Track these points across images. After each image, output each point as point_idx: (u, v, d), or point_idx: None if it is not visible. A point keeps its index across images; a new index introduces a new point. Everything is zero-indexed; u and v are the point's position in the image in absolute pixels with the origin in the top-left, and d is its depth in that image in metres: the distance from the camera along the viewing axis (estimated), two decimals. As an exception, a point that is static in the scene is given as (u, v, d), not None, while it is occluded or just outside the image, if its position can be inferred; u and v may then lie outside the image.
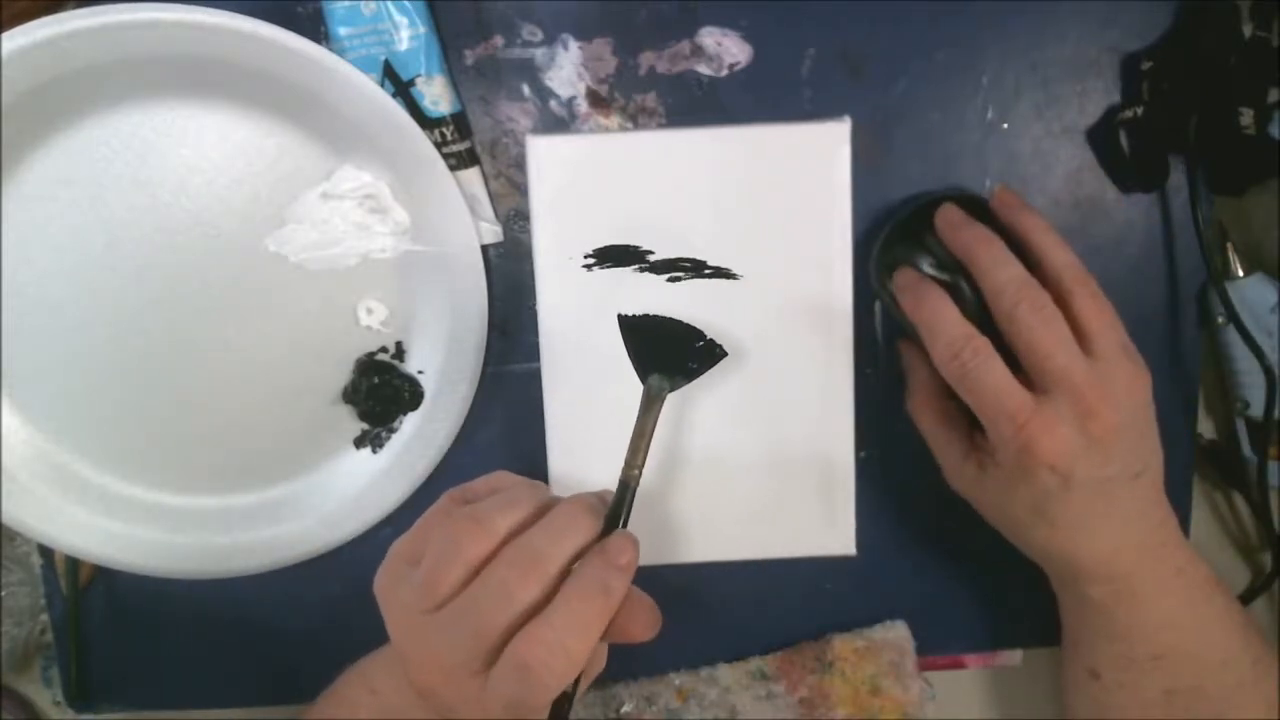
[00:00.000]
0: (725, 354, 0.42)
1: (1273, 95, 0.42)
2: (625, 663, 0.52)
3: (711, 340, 0.41)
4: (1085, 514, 0.40)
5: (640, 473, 0.38)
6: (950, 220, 0.43)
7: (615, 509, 0.38)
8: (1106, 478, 0.40)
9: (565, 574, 0.35)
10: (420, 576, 0.36)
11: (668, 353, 0.41)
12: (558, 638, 0.33)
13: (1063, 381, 0.39)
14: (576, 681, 0.36)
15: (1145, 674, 0.43)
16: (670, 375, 0.40)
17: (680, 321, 0.42)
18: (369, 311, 0.48)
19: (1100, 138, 0.47)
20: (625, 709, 0.52)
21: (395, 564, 0.38)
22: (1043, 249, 0.41)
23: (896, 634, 0.51)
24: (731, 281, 0.46)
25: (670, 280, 0.46)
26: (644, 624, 0.37)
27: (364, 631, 0.41)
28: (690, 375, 0.41)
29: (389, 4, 0.43)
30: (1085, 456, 0.39)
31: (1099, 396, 0.39)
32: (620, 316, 0.41)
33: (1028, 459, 0.39)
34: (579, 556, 0.36)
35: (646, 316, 0.42)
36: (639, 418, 0.39)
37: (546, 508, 0.37)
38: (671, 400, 0.47)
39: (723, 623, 0.52)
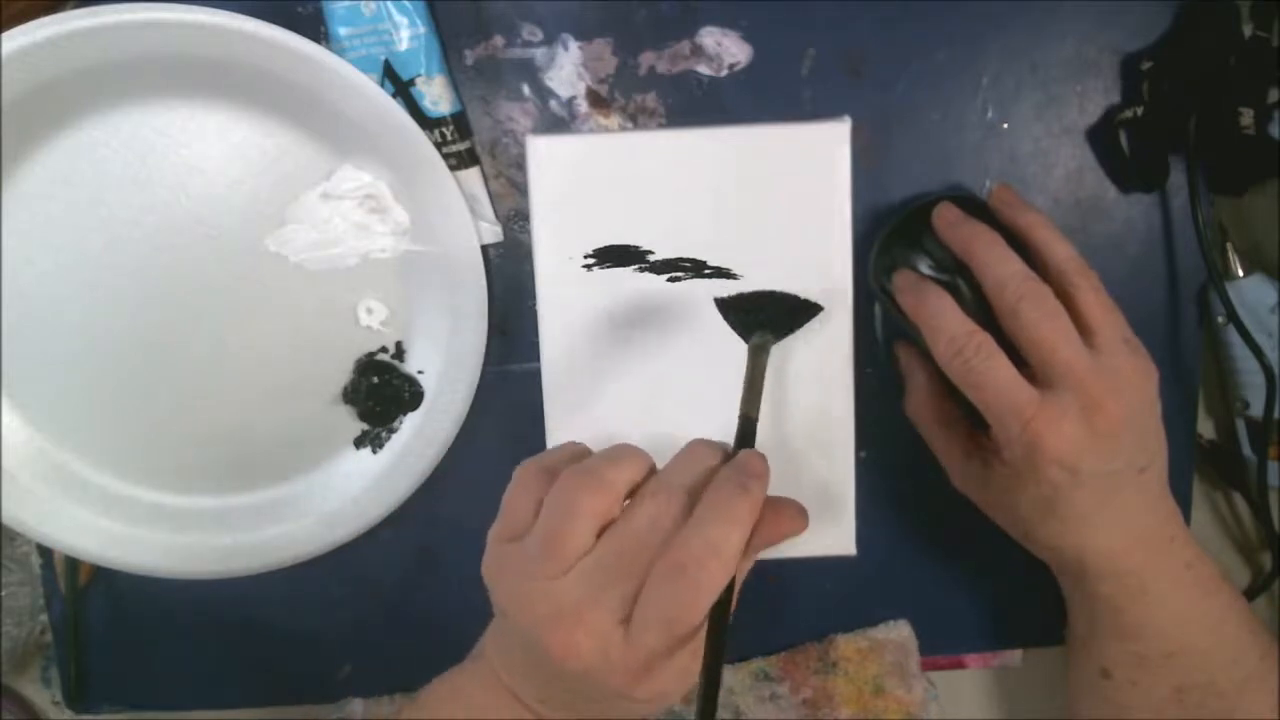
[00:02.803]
0: (820, 308, 0.43)
1: (1273, 95, 0.42)
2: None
3: (806, 300, 0.43)
4: (1093, 508, 0.40)
5: (757, 416, 0.38)
6: (948, 218, 0.43)
7: (740, 441, 0.37)
8: (1113, 471, 0.40)
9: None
10: (538, 544, 0.34)
11: (766, 315, 0.42)
12: (707, 537, 0.32)
13: (1067, 376, 0.38)
14: (730, 592, 0.34)
15: (1157, 671, 0.43)
16: (774, 331, 0.42)
17: (775, 292, 0.44)
18: (369, 311, 0.48)
19: (1100, 138, 0.47)
20: (625, 709, 0.51)
21: (496, 547, 0.36)
22: (1043, 244, 0.41)
23: (900, 634, 0.51)
24: (731, 281, 0.46)
25: (670, 280, 0.46)
26: (791, 518, 0.36)
27: (364, 631, 0.41)
28: (790, 329, 0.43)
29: (389, 4, 0.43)
30: (1092, 450, 0.39)
31: (1104, 390, 0.38)
32: (716, 299, 0.43)
33: (1035, 455, 0.39)
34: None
35: (740, 295, 0.43)
36: (747, 369, 0.39)
37: (651, 464, 0.36)
38: (671, 399, 0.47)
39: (723, 623, 0.52)
